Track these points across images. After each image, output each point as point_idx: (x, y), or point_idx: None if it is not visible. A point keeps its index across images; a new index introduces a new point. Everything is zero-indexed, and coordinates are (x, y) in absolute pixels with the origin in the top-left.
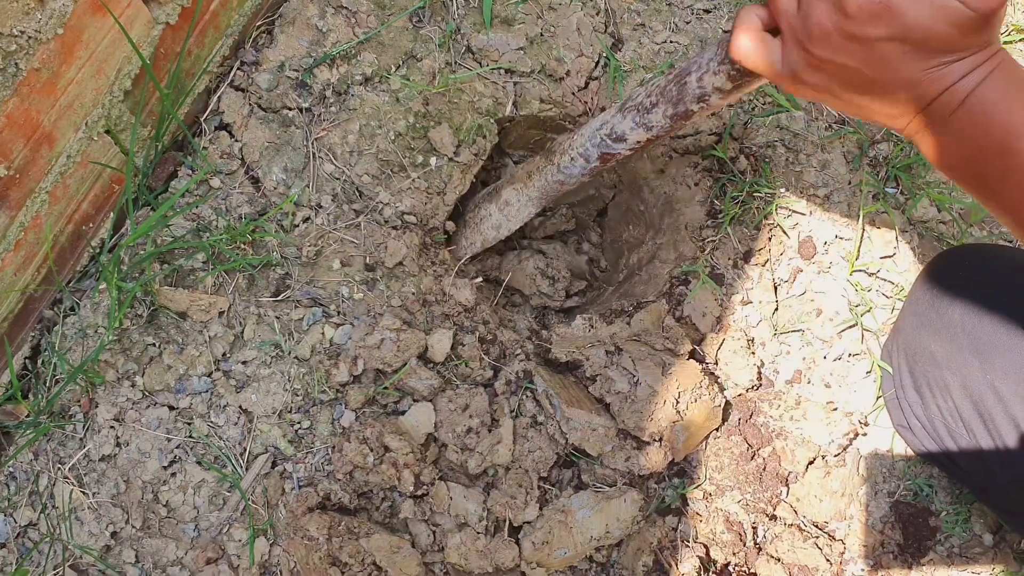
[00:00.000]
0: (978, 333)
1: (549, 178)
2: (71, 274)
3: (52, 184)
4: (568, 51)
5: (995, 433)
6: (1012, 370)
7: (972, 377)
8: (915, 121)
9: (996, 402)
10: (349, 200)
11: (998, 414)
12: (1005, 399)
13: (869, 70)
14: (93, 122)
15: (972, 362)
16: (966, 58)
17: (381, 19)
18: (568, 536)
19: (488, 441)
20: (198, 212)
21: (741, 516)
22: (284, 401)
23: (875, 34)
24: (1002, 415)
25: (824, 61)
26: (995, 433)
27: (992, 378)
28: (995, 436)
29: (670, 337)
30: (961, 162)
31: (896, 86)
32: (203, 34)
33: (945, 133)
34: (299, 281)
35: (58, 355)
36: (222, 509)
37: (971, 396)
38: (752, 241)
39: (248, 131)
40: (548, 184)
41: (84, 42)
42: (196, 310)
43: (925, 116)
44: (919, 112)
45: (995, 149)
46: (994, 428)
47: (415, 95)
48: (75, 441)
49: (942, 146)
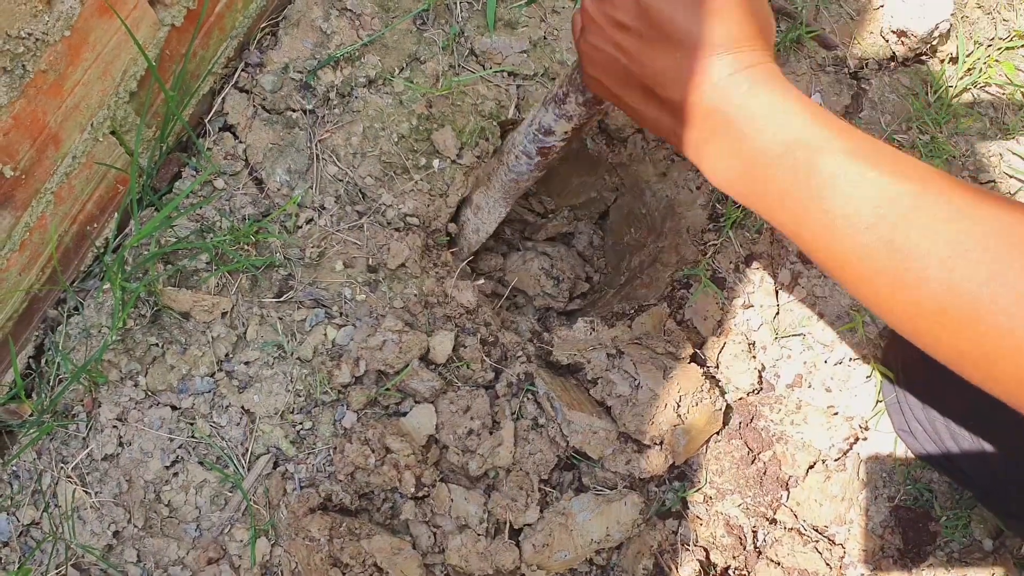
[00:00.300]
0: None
1: (504, 178)
2: (75, 274)
3: (57, 185)
4: (571, 54)
5: (997, 434)
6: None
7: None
8: (681, 128)
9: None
10: (352, 202)
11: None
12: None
13: (625, 59)
14: (99, 123)
15: None
16: (724, 55)
17: (385, 21)
18: (568, 539)
19: (489, 443)
20: (202, 213)
21: (741, 520)
22: (286, 402)
23: (623, 18)
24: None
25: (593, 48)
26: (997, 434)
27: None
28: (997, 437)
29: (671, 340)
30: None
31: (654, 81)
32: (208, 36)
33: (708, 143)
34: (302, 282)
35: (62, 355)
36: (224, 509)
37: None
38: (754, 245)
39: (252, 132)
40: (505, 184)
41: (91, 44)
42: (199, 310)
43: (683, 123)
44: (676, 117)
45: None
46: (995, 429)
47: (418, 97)
48: (78, 440)
49: (705, 156)
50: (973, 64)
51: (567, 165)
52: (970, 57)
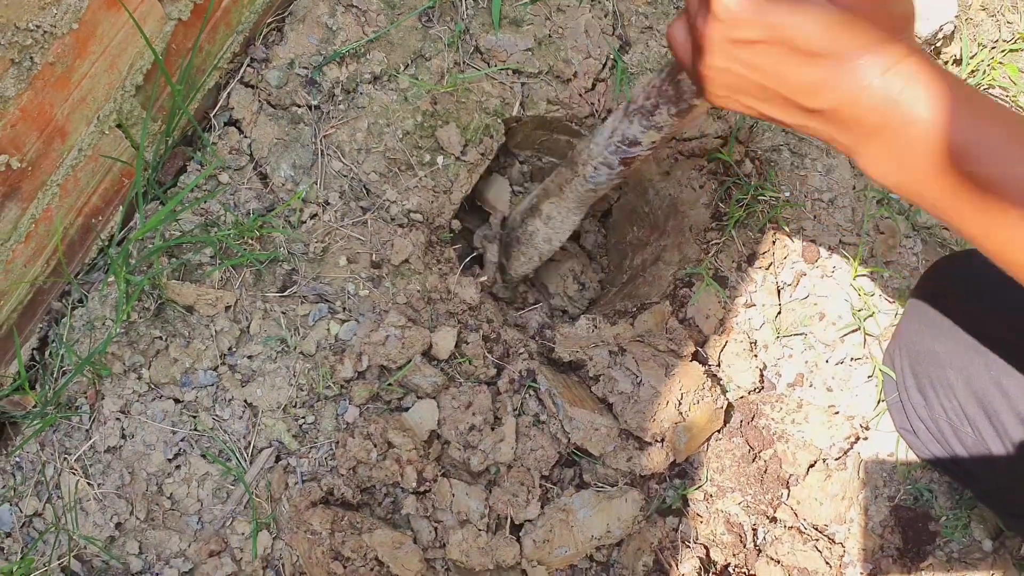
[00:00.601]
0: (980, 330)
1: (580, 188)
2: (80, 266)
3: (63, 177)
4: (576, 53)
5: (1001, 431)
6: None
7: (976, 374)
8: (840, 134)
9: (1001, 398)
10: (356, 197)
11: (1004, 411)
12: (1011, 395)
13: (758, 76)
14: (105, 116)
15: (976, 359)
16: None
17: (390, 18)
18: (569, 535)
19: (491, 439)
20: (206, 207)
21: (741, 518)
22: (289, 396)
23: (749, 36)
24: (1008, 412)
25: (718, 70)
26: (1001, 431)
27: (997, 374)
28: (1002, 434)
29: (673, 338)
30: (897, 177)
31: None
32: (215, 31)
33: (872, 145)
34: (305, 277)
35: (66, 346)
36: (226, 502)
37: (976, 394)
38: (756, 244)
39: (257, 127)
40: (582, 194)
41: (98, 37)
42: (203, 304)
43: (839, 128)
44: (830, 123)
45: (929, 161)
46: (1000, 426)
47: (423, 94)
48: (81, 432)
49: (872, 159)
50: (977, 66)
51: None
52: (974, 59)
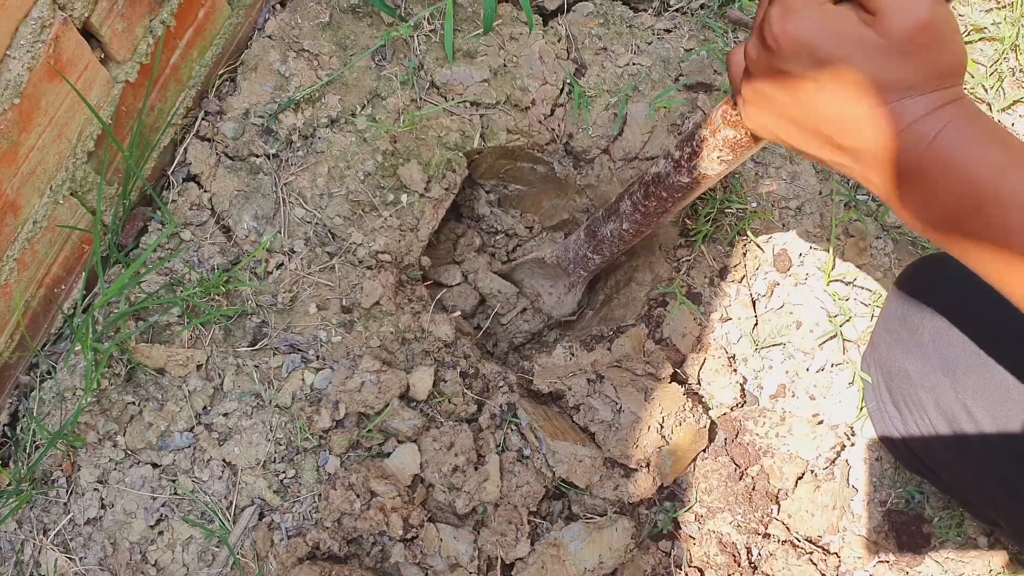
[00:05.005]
0: (948, 352)
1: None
2: (45, 337)
3: (19, 251)
4: (532, 80)
5: (970, 455)
6: (982, 391)
7: (945, 396)
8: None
9: (969, 422)
10: (322, 243)
11: (971, 435)
12: (977, 420)
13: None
14: (57, 186)
15: (944, 381)
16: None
17: (343, 60)
18: (562, 569)
19: (475, 479)
20: (170, 266)
21: (734, 537)
22: (267, 451)
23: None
24: (975, 437)
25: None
26: (970, 455)
27: (964, 398)
28: (971, 458)
29: (651, 361)
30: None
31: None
32: (165, 88)
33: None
34: (276, 328)
35: (36, 421)
36: (211, 565)
37: (945, 415)
38: (727, 258)
39: (216, 181)
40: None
41: (43, 109)
42: (174, 365)
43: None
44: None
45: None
46: (969, 450)
47: (382, 134)
48: (59, 506)
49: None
50: None
51: (537, 188)
52: None
